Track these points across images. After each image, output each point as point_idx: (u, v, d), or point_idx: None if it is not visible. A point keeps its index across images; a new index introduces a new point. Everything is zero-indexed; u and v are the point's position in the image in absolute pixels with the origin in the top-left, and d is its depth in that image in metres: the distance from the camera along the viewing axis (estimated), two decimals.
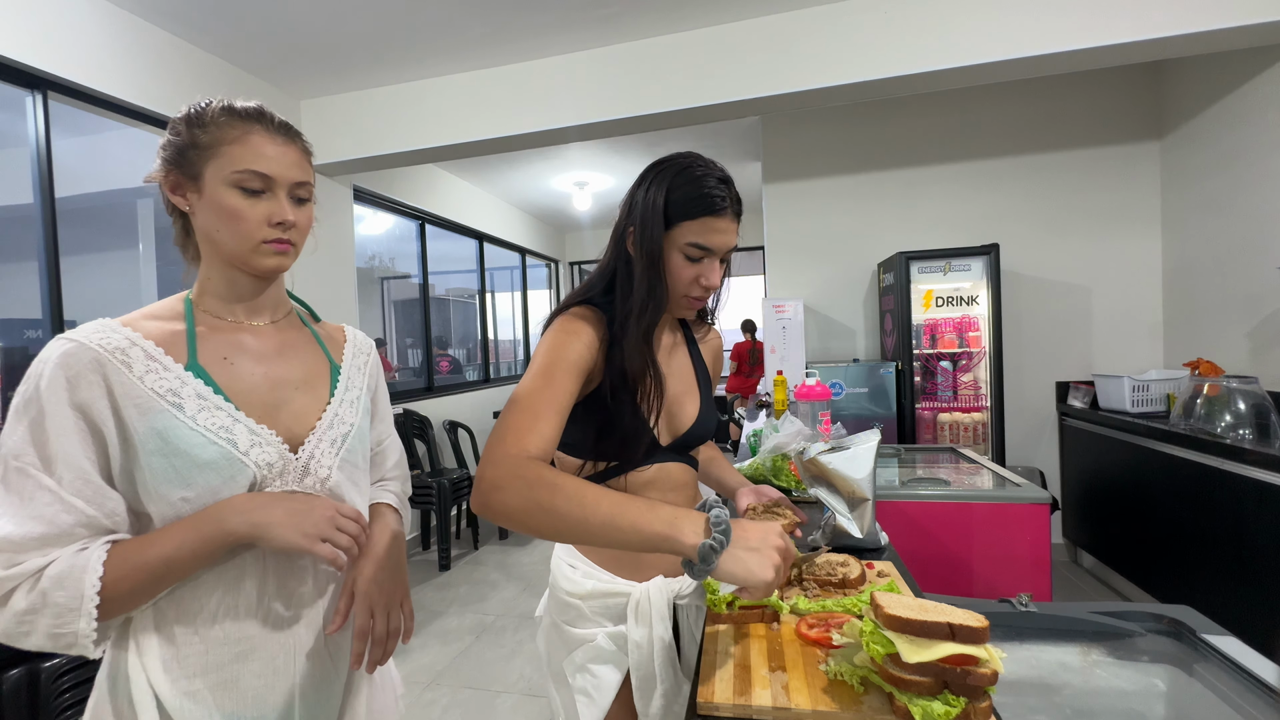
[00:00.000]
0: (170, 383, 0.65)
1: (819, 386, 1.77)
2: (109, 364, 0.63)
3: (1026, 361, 3.39)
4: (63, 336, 0.63)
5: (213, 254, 0.72)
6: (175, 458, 0.63)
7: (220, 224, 0.68)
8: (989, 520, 1.62)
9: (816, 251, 3.74)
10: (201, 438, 0.65)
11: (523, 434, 0.72)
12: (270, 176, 0.70)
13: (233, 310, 0.74)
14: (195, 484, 0.64)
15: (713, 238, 0.87)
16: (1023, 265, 3.36)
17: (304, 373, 0.78)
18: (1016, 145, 3.40)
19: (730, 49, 2.57)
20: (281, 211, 0.70)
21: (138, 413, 0.63)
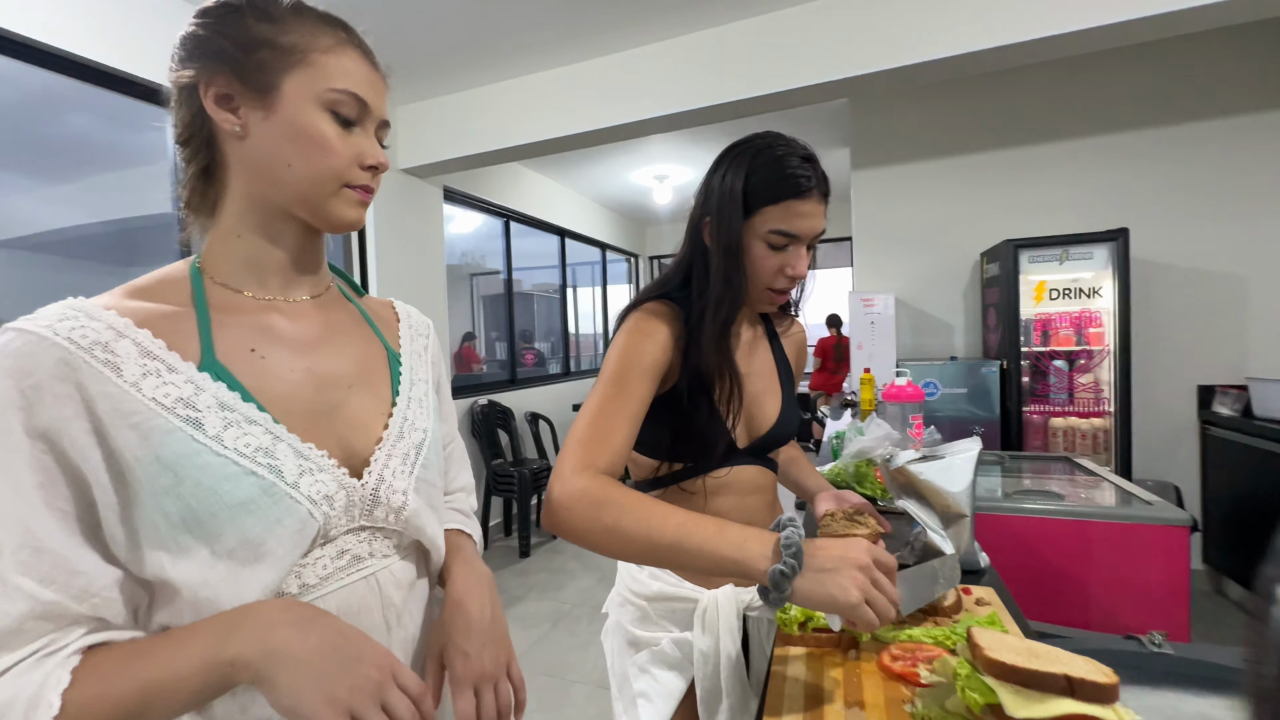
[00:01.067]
0: (180, 389, 0.47)
1: (910, 387, 1.63)
2: (85, 366, 0.44)
3: (1160, 362, 2.98)
4: (11, 326, 0.44)
5: (257, 201, 0.54)
6: (195, 498, 0.45)
7: (297, 155, 0.52)
8: (1113, 541, 1.42)
9: (910, 241, 3.49)
10: (232, 466, 0.47)
11: (591, 448, 0.71)
12: (368, 105, 0.55)
13: (264, 281, 0.56)
14: (225, 535, 0.46)
15: (798, 223, 0.80)
16: (1157, 252, 2.95)
17: (358, 365, 0.60)
18: (1147, 116, 2.99)
19: (815, 28, 2.43)
20: (375, 151, 0.56)
21: (136, 436, 0.45)
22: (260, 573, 0.48)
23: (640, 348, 0.79)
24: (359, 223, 0.57)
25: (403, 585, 0.58)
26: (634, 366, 0.78)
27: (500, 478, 3.78)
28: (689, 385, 0.84)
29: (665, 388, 0.85)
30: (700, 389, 0.84)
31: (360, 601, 0.54)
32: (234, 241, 0.55)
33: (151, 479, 0.45)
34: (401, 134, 3.31)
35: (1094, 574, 1.43)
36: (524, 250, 5.05)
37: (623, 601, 0.97)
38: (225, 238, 0.55)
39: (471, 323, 5.59)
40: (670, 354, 0.82)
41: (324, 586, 0.52)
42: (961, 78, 3.13)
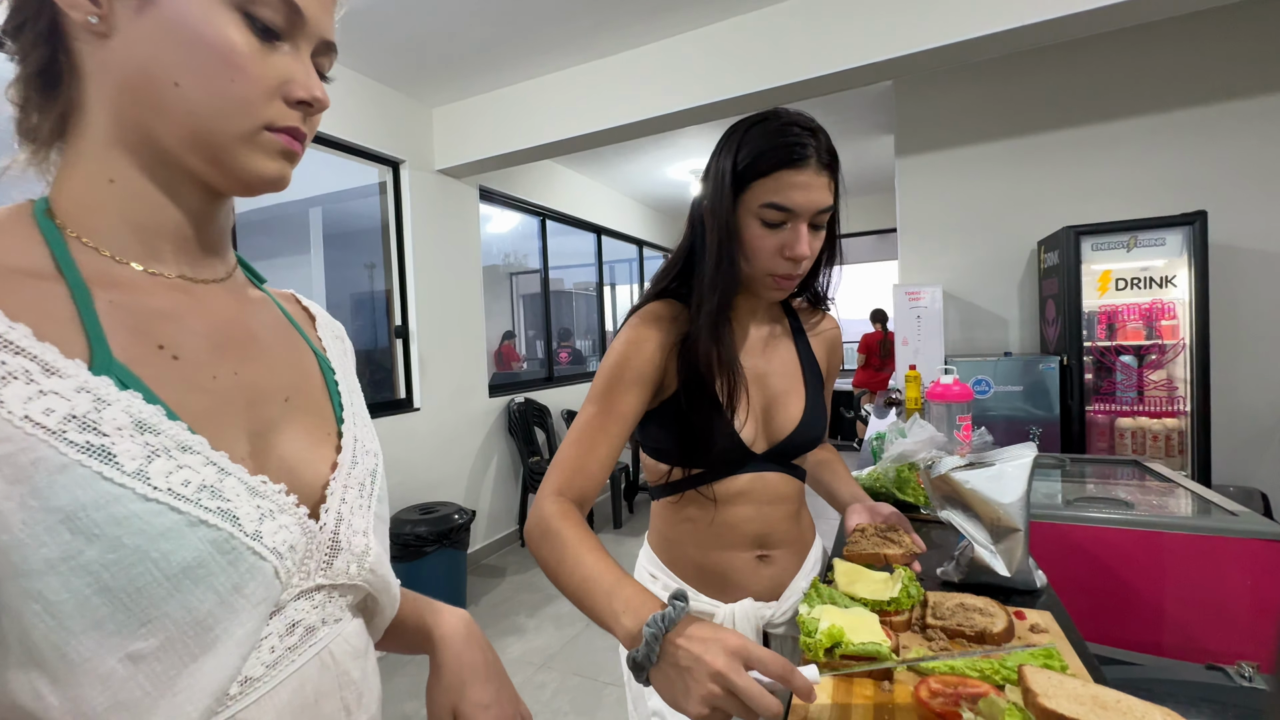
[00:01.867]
0: (69, 402, 0.32)
1: (957, 385, 1.52)
2: None
3: (1243, 356, 2.73)
4: None
5: (131, 132, 0.38)
6: (113, 569, 0.31)
7: (188, 70, 0.36)
8: (1191, 556, 1.29)
9: (959, 231, 3.30)
10: (170, 514, 0.33)
11: (565, 473, 0.74)
12: (302, 11, 0.39)
13: (157, 252, 0.40)
14: (159, 623, 0.32)
15: (792, 194, 0.73)
16: (1241, 237, 2.70)
17: (291, 372, 0.47)
18: (1224, 88, 2.72)
19: (856, 6, 2.31)
20: (309, 80, 0.40)
21: (10, 476, 0.30)
22: (206, 670, 0.34)
23: (627, 360, 0.78)
24: (281, 181, 0.41)
25: (359, 654, 0.45)
26: (619, 381, 0.78)
27: (537, 475, 3.80)
28: (686, 383, 0.79)
29: (668, 392, 0.81)
30: (699, 386, 0.79)
31: (315, 688, 0.41)
32: (105, 189, 0.38)
33: (28, 548, 0.29)
34: (437, 135, 3.35)
35: (1168, 593, 1.29)
36: (563, 249, 5.06)
37: None
38: (90, 180, 0.38)
39: (511, 321, 5.66)
40: (661, 361, 0.79)
41: (271, 677, 0.38)
42: (1014, 53, 2.93)
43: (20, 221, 0.37)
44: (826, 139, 0.76)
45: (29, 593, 0.29)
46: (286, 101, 0.39)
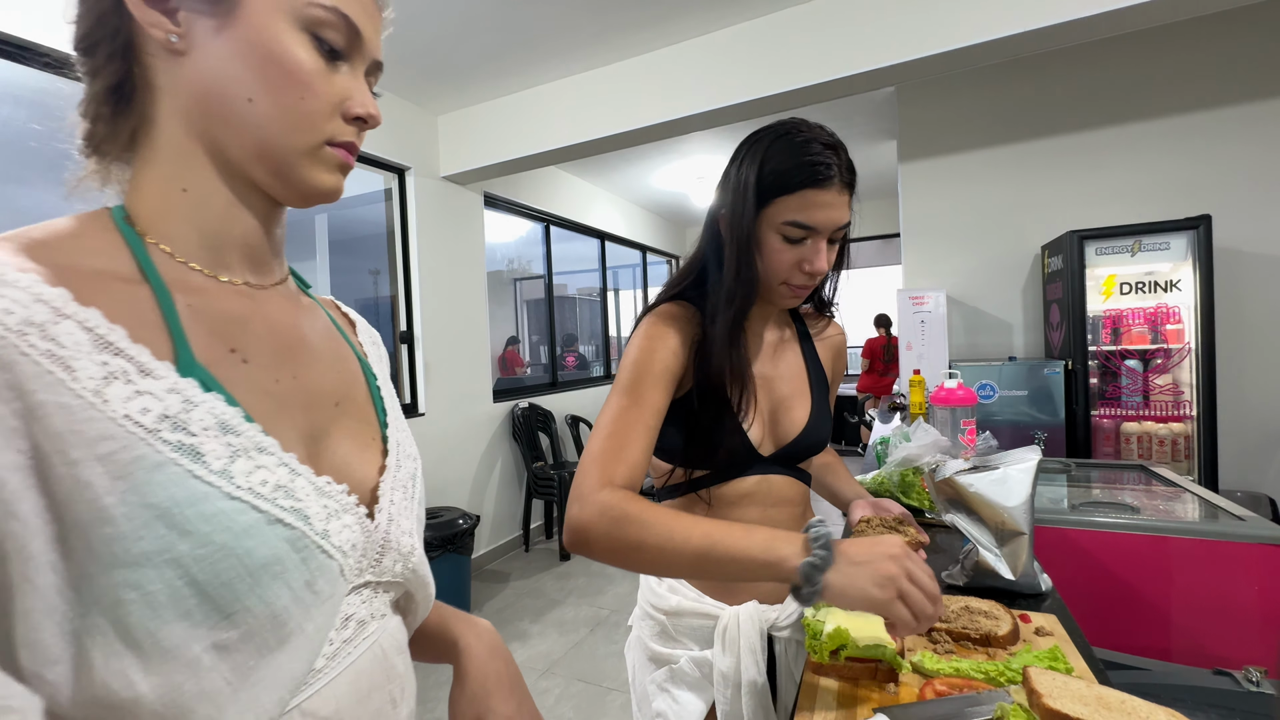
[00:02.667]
0: (162, 402, 0.34)
1: (961, 390, 1.52)
2: (22, 361, 0.30)
3: (1251, 361, 2.72)
4: None
5: (203, 145, 0.39)
6: (204, 564, 0.32)
7: (262, 87, 0.38)
8: (1197, 560, 1.28)
9: (962, 235, 3.31)
10: (251, 513, 0.35)
11: (608, 464, 0.69)
12: (361, 35, 0.41)
13: (225, 260, 0.42)
14: (245, 614, 0.34)
15: (815, 214, 0.75)
16: (1246, 240, 2.69)
17: (340, 377, 0.48)
18: (1228, 92, 2.72)
19: (858, 13, 2.33)
20: (365, 97, 0.42)
21: (106, 473, 0.31)
22: (281, 662, 0.36)
23: (652, 355, 0.77)
24: (336, 193, 0.43)
25: (401, 649, 0.47)
26: (646, 374, 0.76)
27: (540, 480, 3.80)
28: (699, 385, 0.80)
29: (681, 391, 0.81)
30: (711, 390, 0.80)
31: (369, 680, 0.42)
32: (179, 198, 0.39)
33: (129, 541, 0.30)
34: (442, 142, 3.37)
35: (1175, 597, 1.29)
36: (567, 254, 5.08)
37: (643, 615, 0.93)
38: (164, 189, 0.39)
39: (516, 327, 5.67)
40: (683, 358, 0.79)
41: (331, 668, 0.40)
42: (1017, 59, 2.94)
43: (104, 227, 0.38)
44: (847, 155, 0.77)
45: (128, 582, 0.31)
46: (345, 118, 0.41)
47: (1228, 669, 0.87)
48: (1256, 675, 0.83)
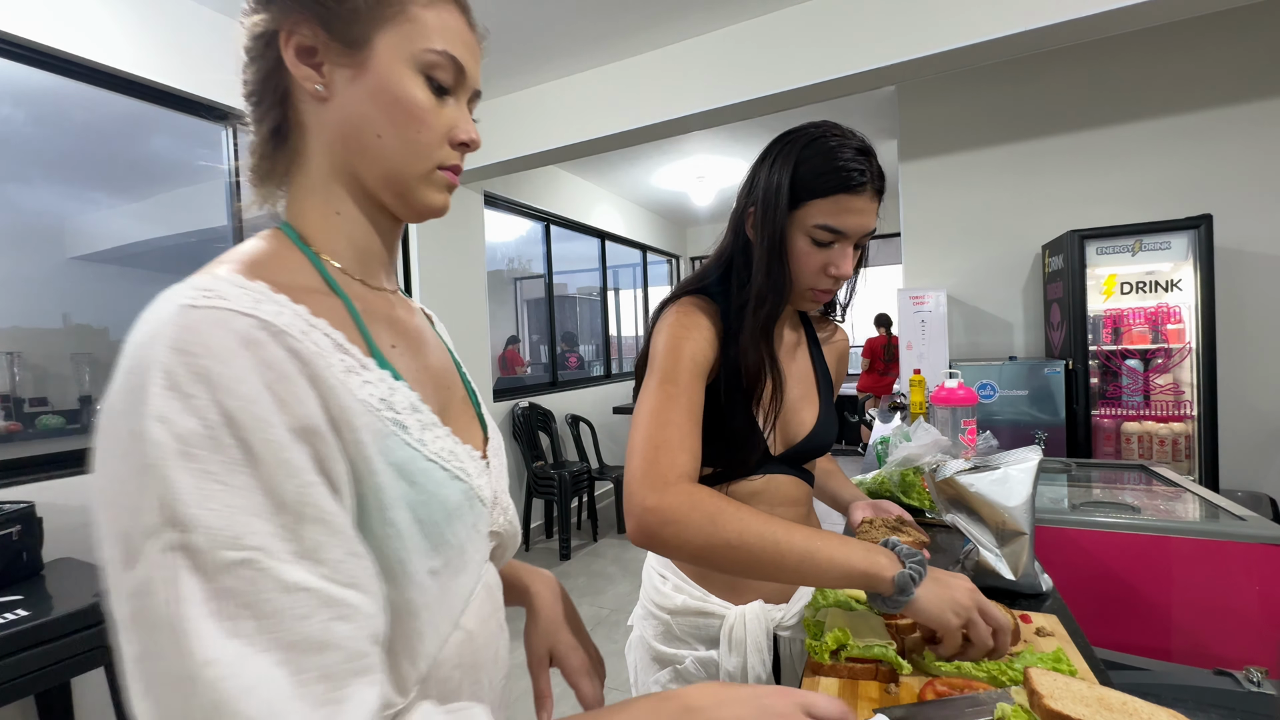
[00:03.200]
0: (377, 389, 0.42)
1: (962, 389, 1.52)
2: (315, 359, 0.38)
3: (1252, 360, 2.71)
4: (202, 303, 0.35)
5: (343, 176, 0.47)
6: (422, 507, 0.43)
7: (388, 124, 0.45)
8: (1198, 560, 1.28)
9: (963, 235, 3.30)
10: (440, 470, 0.45)
11: (674, 453, 0.67)
12: (465, 71, 0.47)
13: (370, 270, 0.50)
14: (445, 546, 0.44)
15: (846, 219, 0.75)
16: (1247, 240, 2.69)
17: (444, 365, 0.56)
18: (1230, 91, 2.72)
19: (859, 13, 2.33)
20: (469, 125, 0.48)
21: (369, 439, 0.40)
22: (463, 582, 0.48)
23: (688, 342, 0.76)
24: (445, 209, 0.49)
25: (499, 586, 0.56)
26: (684, 363, 0.75)
27: (541, 480, 3.80)
28: (727, 385, 0.80)
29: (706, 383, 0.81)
30: (738, 389, 0.80)
31: (488, 608, 0.52)
32: (334, 219, 0.47)
33: (382, 489, 0.40)
34: None
35: (1176, 597, 1.29)
36: (567, 254, 5.08)
37: (646, 615, 0.92)
38: (322, 213, 0.47)
39: (516, 326, 5.67)
40: (714, 349, 0.79)
41: (474, 599, 0.50)
42: (1017, 58, 2.94)
43: (289, 247, 0.46)
44: (878, 161, 0.78)
45: (387, 520, 0.40)
46: (451, 144, 0.48)
47: (1229, 669, 0.87)
48: (1257, 675, 0.83)
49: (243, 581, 0.31)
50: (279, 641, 0.31)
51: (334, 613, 0.33)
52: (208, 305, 0.35)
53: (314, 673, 0.32)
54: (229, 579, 0.30)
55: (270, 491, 0.33)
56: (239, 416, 0.32)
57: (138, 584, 0.30)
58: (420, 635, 0.42)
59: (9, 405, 2.12)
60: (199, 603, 0.30)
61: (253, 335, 0.35)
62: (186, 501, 0.30)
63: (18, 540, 1.53)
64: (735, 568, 0.63)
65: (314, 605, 0.32)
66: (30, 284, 2.45)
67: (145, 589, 0.30)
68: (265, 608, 0.31)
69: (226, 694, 0.29)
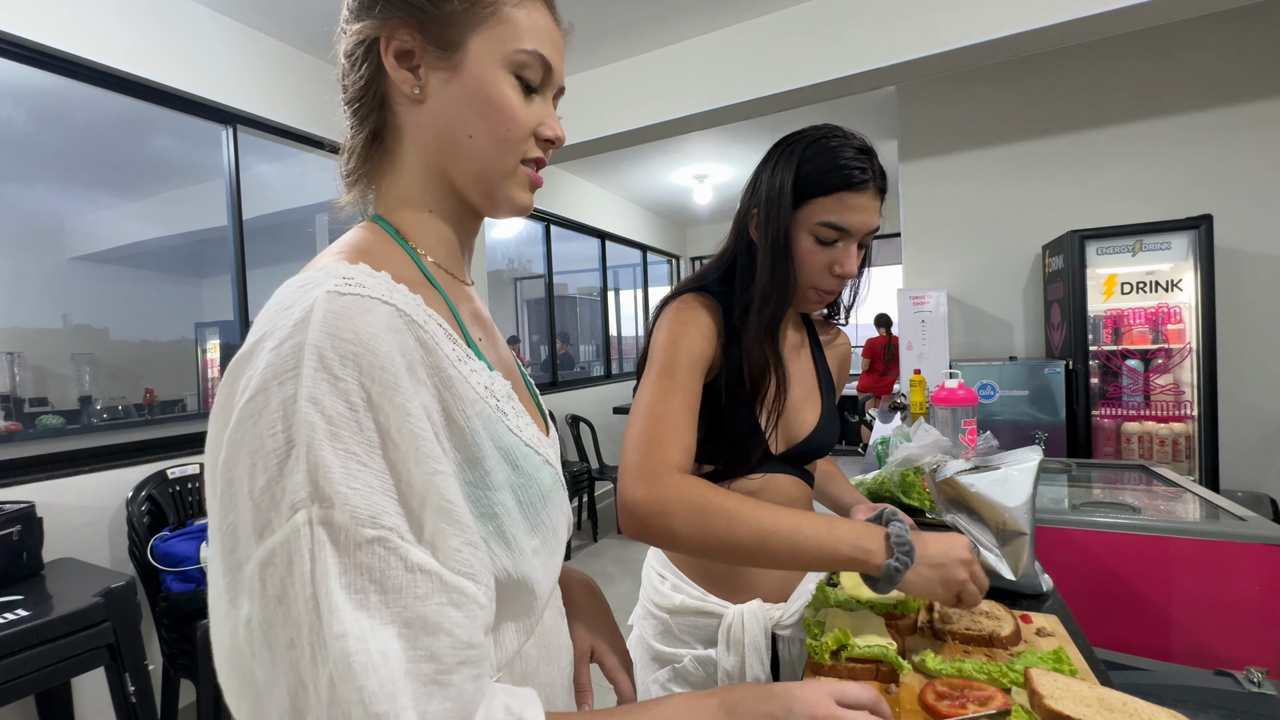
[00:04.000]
0: (481, 377, 0.44)
1: (962, 389, 1.52)
2: (436, 348, 0.40)
3: (1250, 361, 2.71)
4: (346, 290, 0.37)
5: (435, 175, 0.48)
6: (526, 490, 0.45)
7: (480, 124, 0.46)
8: (1198, 561, 1.28)
9: (963, 235, 3.30)
10: (535, 456, 0.47)
11: (667, 446, 0.68)
12: (553, 69, 0.49)
13: (457, 263, 0.52)
14: (542, 527, 0.46)
15: (849, 216, 0.76)
16: (1248, 240, 2.69)
17: (508, 355, 0.57)
18: (1231, 91, 2.72)
19: (859, 13, 2.33)
20: (555, 122, 0.50)
21: (481, 425, 0.42)
22: (555, 559, 0.49)
23: (687, 338, 0.77)
24: (529, 207, 0.51)
25: None
26: (682, 357, 0.75)
27: None
28: (728, 383, 0.80)
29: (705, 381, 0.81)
30: (740, 388, 0.80)
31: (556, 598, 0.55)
32: (427, 217, 0.49)
33: (490, 473, 0.42)
34: None
35: (1176, 598, 1.29)
36: (567, 254, 5.08)
37: (645, 614, 0.92)
38: (415, 210, 0.49)
39: (516, 326, 5.67)
40: (714, 346, 0.79)
41: None
42: (1018, 58, 2.94)
43: (391, 243, 0.47)
44: (879, 160, 0.79)
45: (498, 500, 0.42)
46: (537, 140, 0.49)
47: (1229, 669, 0.87)
48: (1258, 676, 0.83)
49: (374, 558, 0.32)
50: (399, 617, 0.32)
51: (448, 598, 0.34)
52: (352, 293, 0.36)
53: (424, 651, 0.33)
54: (363, 555, 0.32)
55: (403, 476, 0.34)
56: (380, 402, 0.34)
57: (274, 550, 0.32)
58: (528, 610, 0.45)
59: (9, 405, 2.12)
60: (336, 575, 0.31)
61: (394, 323, 0.37)
62: (335, 479, 0.32)
63: (18, 540, 1.53)
64: (725, 557, 0.64)
65: (432, 587, 0.34)
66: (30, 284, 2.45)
67: (284, 556, 0.31)
68: (390, 583, 0.32)
69: (353, 667, 0.30)
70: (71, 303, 2.57)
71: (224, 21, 2.32)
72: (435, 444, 0.37)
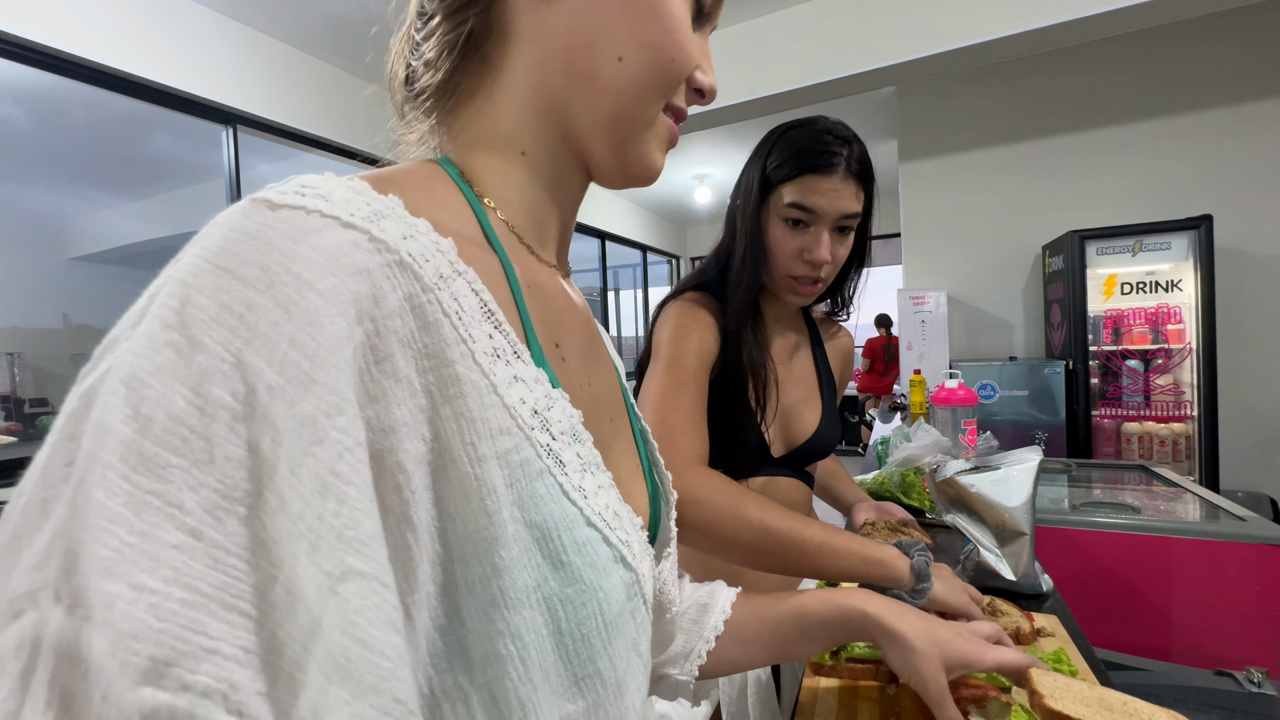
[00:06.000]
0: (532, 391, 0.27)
1: (962, 390, 1.52)
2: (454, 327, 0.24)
3: (1250, 361, 2.72)
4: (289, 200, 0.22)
5: (547, 107, 0.32)
6: (569, 608, 0.26)
7: (638, 43, 0.31)
8: (1198, 561, 1.28)
9: (963, 236, 3.31)
10: (602, 544, 0.28)
11: (690, 436, 0.67)
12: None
13: (545, 240, 0.35)
14: (592, 680, 0.27)
15: (815, 198, 0.75)
16: (1248, 241, 2.69)
17: (613, 387, 0.39)
18: (1231, 91, 2.72)
19: (859, 13, 2.33)
20: (709, 67, 0.36)
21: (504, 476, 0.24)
22: None
23: (694, 333, 0.77)
24: (658, 174, 0.36)
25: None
26: (690, 352, 0.75)
27: None
28: (723, 380, 0.80)
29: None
30: (733, 384, 0.80)
31: None
32: (517, 161, 0.33)
33: (514, 572, 0.24)
34: None
35: (1176, 598, 1.29)
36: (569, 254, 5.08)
37: None
38: (504, 150, 0.33)
39: None
40: (716, 344, 0.79)
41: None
42: (1017, 58, 2.94)
43: (448, 184, 0.31)
44: (860, 149, 0.78)
45: (509, 631, 0.23)
46: (689, 86, 0.35)
47: (1229, 670, 0.87)
48: (1258, 676, 0.83)
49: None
50: None
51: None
52: (293, 204, 0.21)
53: None
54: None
55: (279, 568, 0.17)
56: (271, 403, 0.18)
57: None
58: None
59: (9, 406, 2.12)
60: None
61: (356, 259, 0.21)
62: (105, 560, 0.15)
63: None
64: (754, 554, 0.63)
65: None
66: (30, 284, 2.46)
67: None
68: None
69: None
70: (71, 303, 2.57)
71: (224, 21, 2.32)
72: (372, 504, 0.20)
